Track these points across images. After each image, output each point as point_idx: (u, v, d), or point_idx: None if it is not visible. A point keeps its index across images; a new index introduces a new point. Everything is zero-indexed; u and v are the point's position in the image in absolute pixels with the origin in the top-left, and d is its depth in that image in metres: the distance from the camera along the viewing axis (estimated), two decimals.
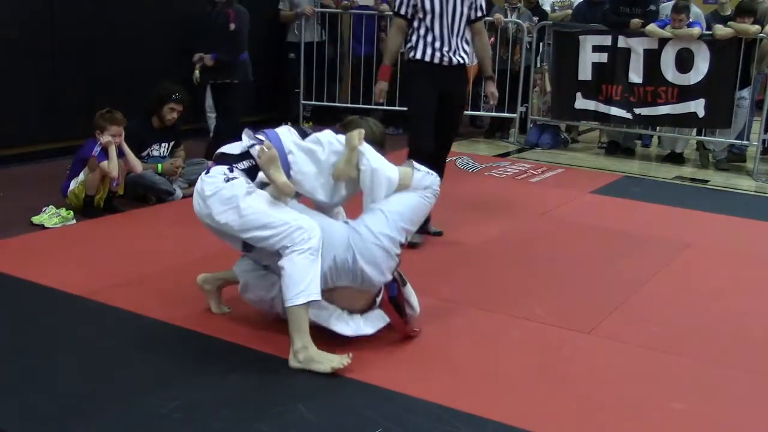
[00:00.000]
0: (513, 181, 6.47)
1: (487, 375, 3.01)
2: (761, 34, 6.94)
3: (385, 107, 8.45)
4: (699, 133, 7.69)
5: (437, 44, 4.38)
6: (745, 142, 7.39)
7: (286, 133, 3.28)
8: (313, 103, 8.45)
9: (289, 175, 3.10)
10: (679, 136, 7.68)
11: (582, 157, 7.77)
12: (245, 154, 3.15)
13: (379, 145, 3.39)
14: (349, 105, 8.50)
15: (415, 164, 3.33)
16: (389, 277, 3.14)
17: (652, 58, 7.19)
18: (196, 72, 6.24)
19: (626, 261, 4.46)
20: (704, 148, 7.66)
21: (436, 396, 2.77)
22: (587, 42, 7.52)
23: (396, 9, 4.51)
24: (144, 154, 5.37)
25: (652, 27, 7.15)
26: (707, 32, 7.07)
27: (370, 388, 2.82)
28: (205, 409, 2.62)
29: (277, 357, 3.01)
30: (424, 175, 3.30)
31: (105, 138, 4.81)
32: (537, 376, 3.01)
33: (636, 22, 7.25)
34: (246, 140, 3.22)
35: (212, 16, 6.37)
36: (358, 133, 3.19)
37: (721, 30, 6.99)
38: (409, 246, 4.03)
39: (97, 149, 4.82)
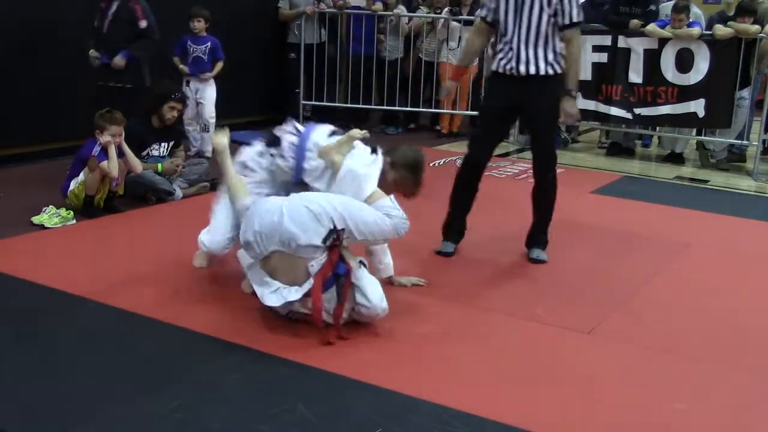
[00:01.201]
0: (513, 181, 6.47)
1: (487, 375, 3.01)
2: (761, 34, 6.94)
3: (385, 107, 8.48)
4: (699, 133, 7.69)
5: (510, 54, 4.09)
6: (745, 142, 7.39)
7: (321, 131, 3.68)
8: (313, 102, 8.45)
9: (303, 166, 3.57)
10: (679, 136, 7.69)
11: (582, 157, 7.77)
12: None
13: (407, 169, 3.58)
14: (349, 105, 8.51)
15: (393, 201, 3.39)
16: (316, 242, 3.15)
17: (652, 58, 7.19)
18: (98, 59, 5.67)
19: (626, 261, 4.46)
20: (704, 148, 7.66)
21: (436, 396, 2.77)
22: (587, 42, 7.50)
23: (480, 14, 4.32)
24: (144, 153, 5.37)
25: (652, 27, 7.15)
26: (707, 32, 7.07)
27: (370, 388, 2.82)
28: (205, 409, 2.62)
29: (277, 357, 3.01)
30: (393, 209, 3.33)
31: (105, 138, 4.81)
32: (537, 376, 3.01)
33: (636, 22, 7.25)
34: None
35: (111, 12, 5.70)
36: (360, 131, 3.50)
37: (721, 30, 6.99)
38: (441, 254, 4.31)
39: (97, 149, 4.82)
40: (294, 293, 3.16)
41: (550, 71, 4.07)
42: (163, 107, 5.42)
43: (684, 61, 7.11)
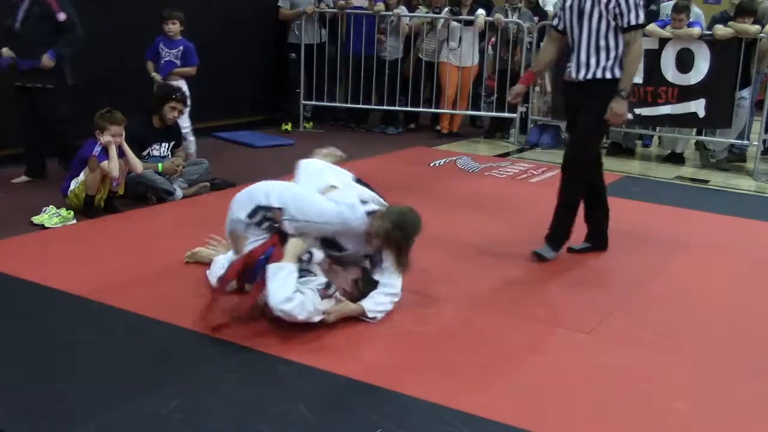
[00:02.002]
0: (513, 181, 6.47)
1: (487, 375, 3.01)
2: (761, 34, 6.94)
3: (385, 107, 8.49)
4: (699, 133, 7.69)
5: (573, 61, 4.20)
6: (745, 142, 7.39)
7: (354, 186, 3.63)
8: (314, 103, 8.46)
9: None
10: (679, 136, 7.68)
11: None
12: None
13: (397, 245, 3.39)
14: (349, 105, 8.51)
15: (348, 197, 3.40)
16: (242, 216, 3.28)
17: (652, 58, 7.18)
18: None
19: (626, 261, 4.46)
20: (704, 148, 7.66)
21: (436, 396, 2.77)
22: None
23: (551, 22, 4.37)
24: (144, 153, 5.37)
25: (652, 27, 7.14)
26: (707, 32, 7.07)
27: (370, 388, 2.82)
28: (205, 409, 2.62)
29: (277, 357, 3.01)
30: (342, 197, 3.37)
31: (105, 138, 4.81)
32: (537, 376, 3.01)
33: None
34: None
35: (23, 9, 5.36)
36: (297, 250, 3.26)
37: (721, 30, 6.99)
38: (537, 257, 4.28)
39: (97, 149, 4.82)
40: (223, 268, 3.40)
41: (608, 75, 4.09)
42: (164, 107, 5.42)
43: (684, 62, 7.11)
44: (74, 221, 4.71)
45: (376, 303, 3.36)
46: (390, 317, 3.41)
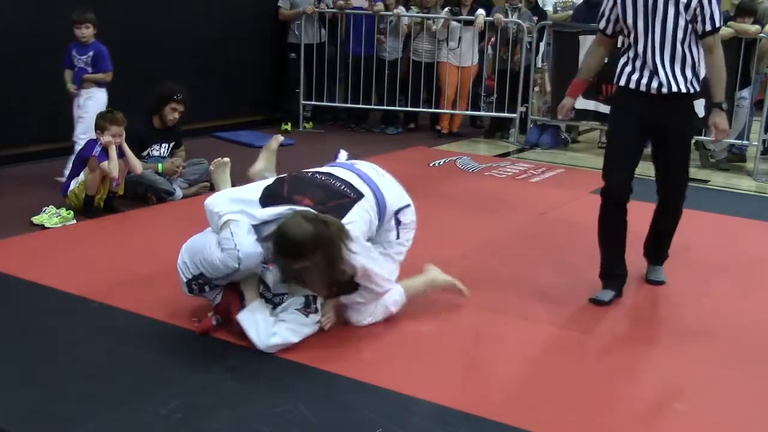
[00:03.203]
0: (513, 181, 6.47)
1: (487, 375, 3.01)
2: (761, 34, 6.94)
3: (385, 107, 8.49)
4: (699, 133, 7.69)
5: (642, 68, 3.58)
6: (745, 142, 7.39)
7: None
8: (314, 103, 8.46)
9: None
10: None
11: (582, 157, 7.77)
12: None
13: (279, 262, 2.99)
14: (349, 105, 8.51)
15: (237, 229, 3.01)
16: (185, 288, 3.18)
17: None
18: None
19: (626, 261, 4.45)
20: (704, 148, 7.66)
21: (436, 396, 2.77)
22: (587, 42, 7.49)
23: (598, 25, 3.82)
24: (144, 154, 5.37)
25: None
26: None
27: (370, 388, 2.82)
28: (205, 409, 2.62)
29: (277, 357, 3.01)
30: (228, 240, 2.99)
31: (105, 138, 4.81)
32: (537, 376, 3.01)
33: None
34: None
35: None
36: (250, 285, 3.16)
37: (721, 30, 6.98)
38: (595, 301, 3.71)
39: (97, 149, 4.82)
40: None
41: (691, 89, 3.58)
42: (164, 108, 5.42)
43: None
44: (74, 221, 4.71)
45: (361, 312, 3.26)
46: (390, 318, 3.41)
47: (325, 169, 3.37)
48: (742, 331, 3.55)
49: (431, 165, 6.90)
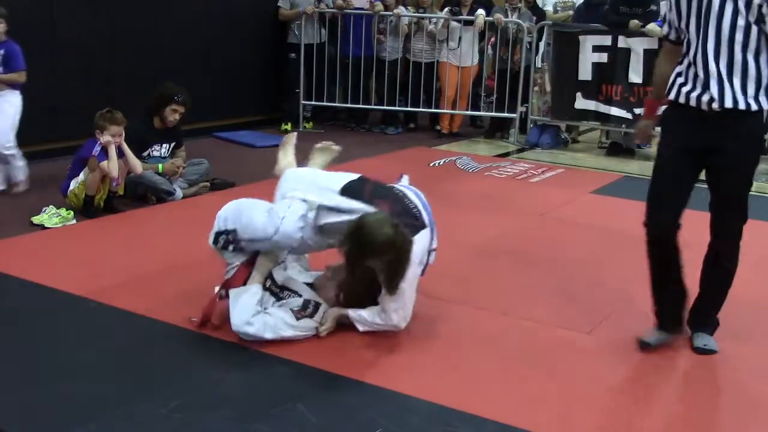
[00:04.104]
0: (513, 181, 6.47)
1: (487, 375, 3.01)
2: None
3: (384, 107, 8.49)
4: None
5: (695, 78, 2.97)
6: None
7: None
8: (313, 103, 8.46)
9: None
10: None
11: (582, 157, 7.77)
12: None
13: (348, 257, 3.03)
14: (349, 105, 8.51)
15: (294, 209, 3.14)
16: (210, 243, 3.27)
17: (652, 58, 7.17)
18: None
19: (626, 261, 4.46)
20: None
21: (436, 396, 2.77)
22: (587, 42, 7.52)
23: (662, 31, 3.25)
24: (144, 154, 5.37)
25: (652, 26, 7.14)
26: None
27: (370, 388, 2.82)
28: (205, 409, 2.62)
29: (277, 357, 3.01)
30: (281, 212, 3.15)
31: (105, 138, 4.81)
32: (537, 376, 3.01)
33: (636, 22, 7.25)
34: None
35: None
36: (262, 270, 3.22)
37: None
38: (642, 346, 3.27)
39: (97, 149, 4.82)
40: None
41: (753, 106, 2.92)
42: (165, 109, 5.42)
43: None
44: (74, 221, 4.71)
45: (367, 316, 3.22)
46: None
47: (399, 186, 3.42)
48: (742, 330, 3.55)
49: (431, 165, 6.90)
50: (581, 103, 7.69)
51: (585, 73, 7.57)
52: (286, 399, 2.70)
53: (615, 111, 7.49)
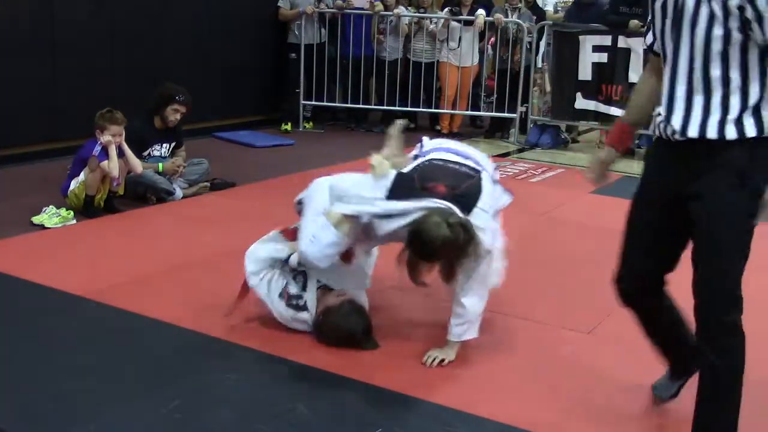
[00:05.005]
0: (513, 181, 6.46)
1: (487, 375, 3.01)
2: None
3: (384, 107, 8.49)
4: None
5: (665, 101, 2.30)
6: None
7: None
8: (313, 103, 8.46)
9: None
10: None
11: (582, 157, 7.77)
12: None
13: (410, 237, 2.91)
14: (349, 105, 8.52)
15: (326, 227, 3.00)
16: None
17: None
18: None
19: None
20: None
21: (436, 396, 2.77)
22: (587, 42, 7.53)
23: (645, 40, 2.53)
24: (145, 154, 5.37)
25: None
26: None
27: (370, 388, 2.82)
28: (205, 409, 2.62)
29: (277, 357, 3.01)
30: (313, 231, 3.02)
31: (105, 138, 4.81)
32: (537, 376, 3.01)
33: (636, 22, 7.26)
34: None
35: None
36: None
37: None
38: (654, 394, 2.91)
39: (97, 149, 4.82)
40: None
41: (730, 134, 2.18)
42: (166, 109, 5.42)
43: None
44: (74, 221, 4.71)
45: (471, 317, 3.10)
46: (390, 317, 3.41)
47: (436, 155, 3.27)
48: (746, 331, 3.55)
49: None
50: (581, 103, 7.69)
51: (585, 73, 7.58)
52: (286, 399, 2.70)
53: (615, 111, 7.49)
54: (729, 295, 2.42)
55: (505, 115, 8.33)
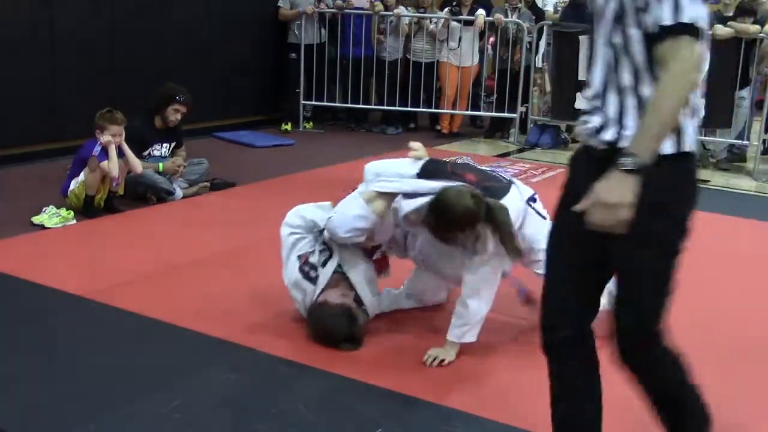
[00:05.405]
0: None
1: (488, 375, 3.01)
2: (761, 34, 6.94)
3: (384, 107, 8.49)
4: (698, 133, 7.70)
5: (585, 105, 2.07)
6: (745, 142, 7.39)
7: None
8: (313, 103, 8.46)
9: None
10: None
11: None
12: None
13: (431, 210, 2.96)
14: (349, 105, 8.52)
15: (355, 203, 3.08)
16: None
17: None
18: None
19: None
20: (704, 148, 7.67)
21: (436, 396, 2.77)
22: (586, 42, 7.51)
23: None
24: (145, 153, 5.37)
25: None
26: (707, 32, 7.07)
27: (370, 388, 2.82)
28: (205, 409, 2.62)
29: (277, 357, 3.01)
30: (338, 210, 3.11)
31: (105, 138, 4.81)
32: (537, 376, 3.00)
33: None
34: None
35: None
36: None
37: (721, 30, 7.00)
38: None
39: (97, 149, 4.82)
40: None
41: (614, 137, 1.88)
42: (167, 109, 5.42)
43: None
44: (74, 221, 4.71)
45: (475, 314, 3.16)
46: (390, 317, 3.41)
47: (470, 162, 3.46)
48: (741, 330, 3.55)
49: None
50: (581, 102, 7.65)
51: (584, 72, 7.56)
52: (286, 399, 2.70)
53: None
54: (651, 316, 2.27)
55: (505, 115, 8.33)
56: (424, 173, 3.11)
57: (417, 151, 3.24)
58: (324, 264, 3.20)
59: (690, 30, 1.84)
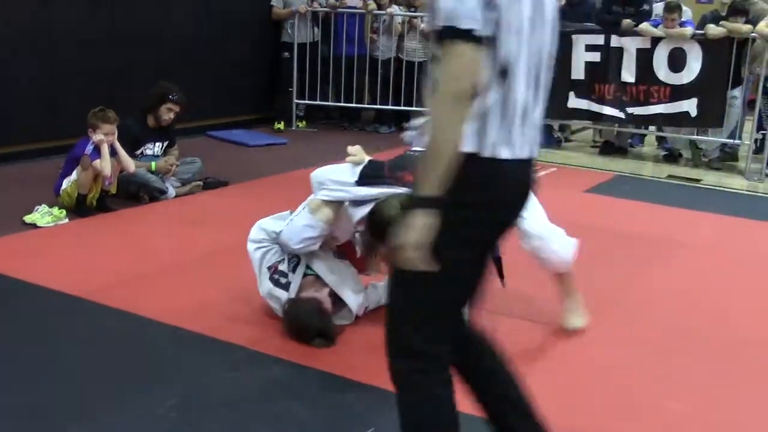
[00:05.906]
0: None
1: None
2: (753, 34, 6.97)
3: (377, 106, 8.47)
4: (691, 133, 7.74)
5: None
6: (737, 141, 7.42)
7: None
8: (307, 102, 8.44)
9: None
10: (676, 135, 7.72)
11: (575, 156, 7.78)
12: None
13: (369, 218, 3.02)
14: (342, 104, 8.50)
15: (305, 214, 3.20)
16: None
17: (644, 58, 7.21)
18: None
19: (619, 260, 4.47)
20: (696, 147, 7.70)
21: None
22: (580, 41, 7.53)
23: None
24: (138, 152, 5.34)
25: (645, 26, 7.17)
26: (699, 32, 7.11)
27: (368, 388, 2.82)
28: (203, 409, 2.61)
29: (276, 357, 3.00)
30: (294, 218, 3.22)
31: (97, 136, 4.78)
32: (536, 376, 3.00)
33: (628, 22, 7.28)
34: None
35: None
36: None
37: (713, 29, 7.02)
38: None
39: (89, 148, 4.79)
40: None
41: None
42: (160, 108, 5.40)
43: (676, 61, 7.13)
44: (66, 220, 4.68)
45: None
46: (382, 313, 3.40)
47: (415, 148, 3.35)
48: (738, 329, 3.57)
49: None
50: (574, 102, 7.69)
51: (578, 72, 7.58)
52: (284, 399, 2.69)
53: (607, 110, 7.51)
54: (401, 335, 2.21)
55: None
56: (363, 179, 3.10)
57: (355, 156, 3.21)
58: (294, 269, 3.28)
59: (453, 33, 1.64)
